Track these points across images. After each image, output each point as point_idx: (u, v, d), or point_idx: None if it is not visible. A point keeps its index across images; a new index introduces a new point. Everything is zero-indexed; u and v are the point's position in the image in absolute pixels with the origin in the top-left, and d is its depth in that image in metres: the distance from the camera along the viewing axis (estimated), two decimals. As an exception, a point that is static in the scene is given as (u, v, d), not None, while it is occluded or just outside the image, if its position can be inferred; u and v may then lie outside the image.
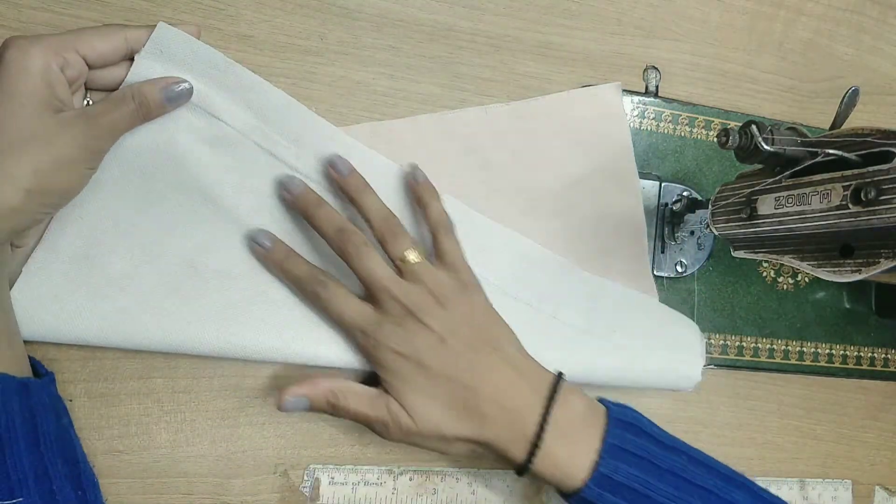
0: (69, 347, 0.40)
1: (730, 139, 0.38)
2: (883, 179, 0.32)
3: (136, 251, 0.40)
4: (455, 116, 0.46)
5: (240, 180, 0.41)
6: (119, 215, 0.39)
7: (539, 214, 0.48)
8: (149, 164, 0.39)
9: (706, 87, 0.53)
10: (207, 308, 0.40)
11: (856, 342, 0.54)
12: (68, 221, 0.39)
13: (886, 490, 0.55)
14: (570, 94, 0.48)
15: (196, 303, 0.40)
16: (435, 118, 0.46)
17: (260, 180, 0.41)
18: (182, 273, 0.40)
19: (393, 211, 0.41)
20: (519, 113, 0.47)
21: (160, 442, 0.41)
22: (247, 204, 0.41)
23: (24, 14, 0.40)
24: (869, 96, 0.57)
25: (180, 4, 0.42)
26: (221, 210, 0.41)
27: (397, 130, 0.45)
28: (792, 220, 0.38)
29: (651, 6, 0.52)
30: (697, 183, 0.51)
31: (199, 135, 0.40)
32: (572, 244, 0.48)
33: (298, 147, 0.42)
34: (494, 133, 0.47)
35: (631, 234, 0.49)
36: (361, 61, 0.46)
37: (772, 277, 0.53)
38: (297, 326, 0.41)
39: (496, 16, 0.48)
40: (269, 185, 0.42)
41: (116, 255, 0.39)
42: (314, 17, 0.45)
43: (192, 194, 0.40)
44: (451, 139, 0.46)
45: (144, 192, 0.40)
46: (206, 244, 0.41)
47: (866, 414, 0.55)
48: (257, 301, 0.41)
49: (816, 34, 0.56)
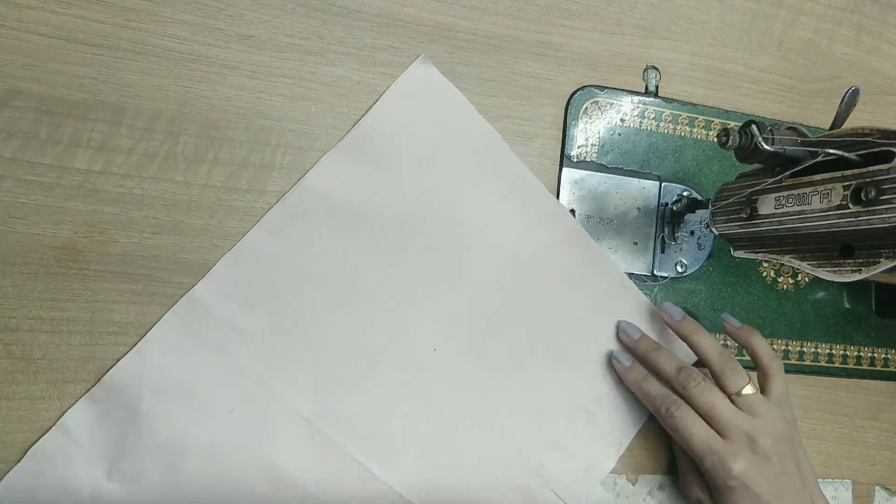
0: (69, 347, 0.40)
1: (730, 139, 0.38)
2: (883, 179, 0.32)
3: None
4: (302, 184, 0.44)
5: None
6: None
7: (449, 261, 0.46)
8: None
9: (706, 86, 0.53)
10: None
11: (856, 342, 0.54)
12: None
13: (886, 490, 0.55)
14: (386, 97, 0.46)
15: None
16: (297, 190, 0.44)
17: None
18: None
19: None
20: (356, 145, 0.45)
21: (160, 442, 0.41)
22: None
23: (24, 14, 0.40)
24: (869, 96, 0.57)
25: (180, 4, 0.42)
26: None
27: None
28: (792, 219, 0.38)
29: (651, 6, 0.52)
30: (697, 183, 0.51)
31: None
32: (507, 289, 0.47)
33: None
34: (348, 177, 0.45)
35: (564, 235, 0.48)
36: (361, 61, 0.46)
37: (772, 277, 0.53)
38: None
39: (496, 16, 0.48)
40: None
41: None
42: (314, 17, 0.45)
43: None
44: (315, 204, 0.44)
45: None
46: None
47: (866, 414, 0.55)
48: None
49: (816, 34, 0.56)
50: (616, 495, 0.48)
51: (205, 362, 0.41)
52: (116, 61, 0.41)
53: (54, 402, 0.40)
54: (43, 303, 0.40)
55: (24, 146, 0.40)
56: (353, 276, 0.44)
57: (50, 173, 0.40)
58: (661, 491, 0.49)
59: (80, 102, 0.41)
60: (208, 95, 0.43)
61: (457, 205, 0.46)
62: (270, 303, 0.42)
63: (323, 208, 0.44)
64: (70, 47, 0.41)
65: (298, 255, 0.43)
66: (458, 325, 0.46)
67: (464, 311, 0.46)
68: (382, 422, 0.44)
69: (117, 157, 0.41)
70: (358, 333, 0.44)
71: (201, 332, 0.41)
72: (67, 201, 0.40)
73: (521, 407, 0.46)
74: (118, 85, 0.41)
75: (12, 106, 0.40)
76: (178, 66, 0.42)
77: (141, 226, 0.41)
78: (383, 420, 0.44)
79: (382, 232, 0.45)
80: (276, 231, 0.43)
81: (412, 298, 0.45)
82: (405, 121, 0.45)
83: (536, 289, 0.47)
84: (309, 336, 0.43)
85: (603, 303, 0.48)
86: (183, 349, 0.41)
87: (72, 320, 0.40)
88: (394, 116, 0.45)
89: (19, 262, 0.40)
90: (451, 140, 0.46)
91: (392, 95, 0.45)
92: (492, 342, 0.46)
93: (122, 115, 0.41)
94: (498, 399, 0.46)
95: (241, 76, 0.43)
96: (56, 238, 0.40)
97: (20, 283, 0.40)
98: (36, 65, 0.40)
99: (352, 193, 0.44)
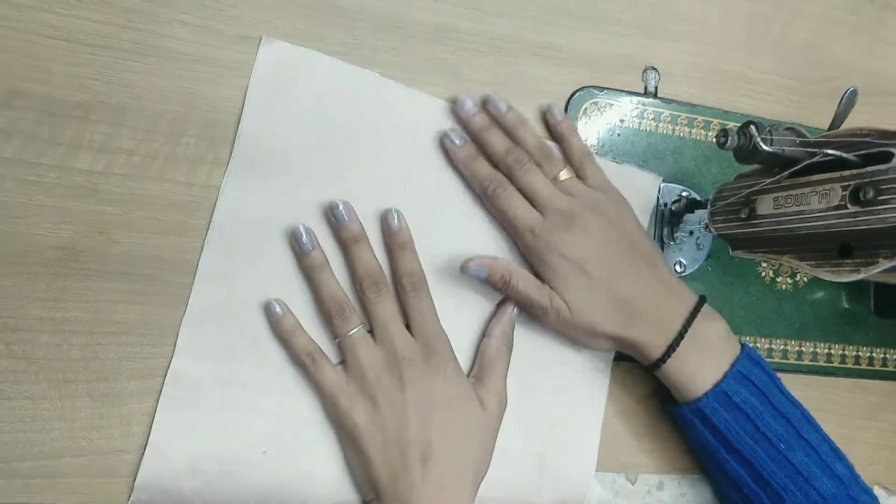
0: (70, 347, 0.40)
1: (729, 139, 0.38)
2: (881, 180, 0.33)
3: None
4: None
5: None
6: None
7: None
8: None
9: (705, 87, 0.53)
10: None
11: (854, 342, 0.54)
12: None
13: (885, 489, 0.55)
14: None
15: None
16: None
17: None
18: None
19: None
20: (247, 158, 0.43)
21: (161, 441, 0.41)
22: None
23: (24, 14, 0.40)
24: (867, 97, 0.57)
25: (181, 5, 0.43)
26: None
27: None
28: (791, 220, 0.38)
29: (650, 7, 0.52)
30: (696, 183, 0.52)
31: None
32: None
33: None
34: (256, 191, 0.44)
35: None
36: (361, 61, 0.46)
37: (770, 277, 0.53)
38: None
39: (497, 16, 0.49)
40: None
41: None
42: (314, 18, 0.45)
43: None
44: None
45: None
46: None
47: (865, 413, 0.55)
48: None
49: (815, 35, 0.56)
50: (615, 494, 0.48)
51: (217, 425, 0.41)
52: (118, 62, 0.41)
53: (55, 401, 0.40)
54: (44, 303, 0.40)
55: (25, 146, 0.40)
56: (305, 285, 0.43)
57: (51, 174, 0.40)
58: (660, 490, 0.49)
59: (82, 103, 0.41)
60: (209, 96, 0.43)
61: (372, 164, 0.45)
62: (248, 344, 0.42)
63: (248, 233, 0.42)
64: (71, 48, 0.41)
65: (250, 287, 0.42)
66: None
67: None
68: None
69: (119, 157, 0.41)
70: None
71: (201, 400, 0.41)
72: (69, 202, 0.40)
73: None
74: (120, 86, 0.41)
75: (14, 106, 0.40)
76: (179, 66, 0.42)
77: (142, 226, 0.41)
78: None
79: (314, 226, 0.43)
80: (218, 276, 0.42)
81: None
82: (282, 109, 0.43)
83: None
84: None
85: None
86: (191, 426, 0.41)
87: (73, 320, 0.40)
88: (267, 110, 0.43)
89: (20, 262, 0.40)
90: (340, 103, 0.45)
91: (254, 92, 0.43)
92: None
93: (124, 115, 0.41)
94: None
95: (242, 77, 0.43)
96: (57, 238, 0.40)
97: (21, 284, 0.40)
98: (37, 65, 0.40)
99: (268, 203, 0.43)
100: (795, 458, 0.41)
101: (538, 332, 0.47)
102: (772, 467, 0.42)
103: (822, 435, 0.43)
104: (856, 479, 0.43)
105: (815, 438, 0.42)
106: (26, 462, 0.39)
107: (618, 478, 0.48)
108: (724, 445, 0.43)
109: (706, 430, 0.43)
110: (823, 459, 0.42)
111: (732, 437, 0.42)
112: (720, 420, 0.42)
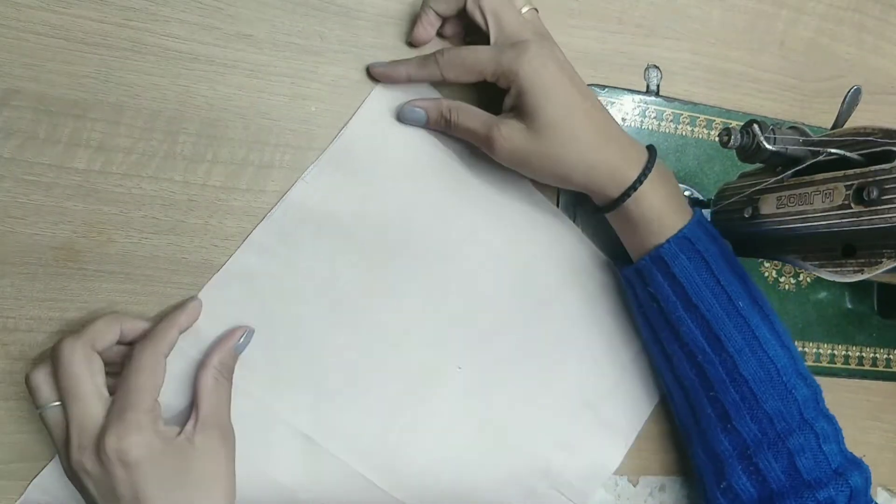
0: (68, 348, 0.40)
1: (731, 138, 0.38)
2: (885, 179, 0.32)
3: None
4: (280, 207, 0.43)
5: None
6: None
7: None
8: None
9: (707, 86, 0.53)
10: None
11: (858, 342, 0.54)
12: None
13: (888, 491, 0.55)
14: (365, 105, 0.45)
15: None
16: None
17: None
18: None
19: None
20: (339, 157, 0.44)
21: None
22: None
23: (23, 13, 0.40)
24: (871, 95, 0.57)
25: (179, 4, 0.42)
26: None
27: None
28: (794, 219, 0.37)
29: (652, 5, 0.52)
30: (699, 182, 0.51)
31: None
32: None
33: None
34: (333, 190, 0.44)
35: (555, 231, 0.48)
36: (361, 61, 0.45)
37: (773, 277, 0.53)
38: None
39: (497, 15, 0.48)
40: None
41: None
42: (314, 17, 0.45)
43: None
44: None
45: None
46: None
47: (868, 414, 0.55)
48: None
49: (818, 33, 0.56)
50: (617, 497, 0.48)
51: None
52: (115, 61, 0.41)
53: (53, 402, 0.40)
54: (41, 303, 0.40)
55: (22, 146, 0.40)
56: (343, 289, 0.44)
57: (49, 173, 0.40)
58: (662, 492, 0.49)
59: (80, 102, 0.41)
60: (207, 95, 0.43)
61: (444, 210, 0.46)
62: (262, 322, 0.42)
63: (309, 223, 0.43)
64: (69, 47, 0.41)
65: (287, 272, 0.43)
66: (453, 332, 0.45)
67: (458, 317, 0.46)
68: (383, 433, 0.44)
69: (116, 156, 0.41)
70: (352, 347, 0.44)
71: (197, 360, 0.41)
72: (66, 201, 0.40)
73: (523, 408, 0.46)
74: (117, 84, 0.41)
75: (11, 105, 0.40)
76: (177, 65, 0.42)
77: (140, 225, 0.41)
78: (384, 431, 0.44)
79: (371, 244, 0.44)
80: (263, 250, 0.42)
81: (405, 308, 0.45)
82: (386, 128, 0.45)
83: (531, 289, 0.47)
84: (303, 352, 0.43)
85: (599, 300, 0.48)
86: (183, 376, 0.40)
87: (70, 320, 0.40)
88: (375, 124, 0.45)
89: (18, 262, 0.40)
90: (434, 144, 0.46)
91: (371, 103, 0.45)
92: (489, 346, 0.46)
93: (122, 114, 0.41)
94: (498, 402, 0.46)
95: (240, 75, 0.43)
96: (55, 238, 0.40)
97: (18, 284, 0.40)
98: (35, 64, 0.40)
99: (337, 206, 0.44)
100: (753, 320, 0.40)
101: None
102: (729, 327, 0.40)
103: (770, 318, 0.42)
104: (798, 365, 0.43)
105: (768, 304, 0.42)
106: (25, 463, 0.39)
107: (620, 480, 0.48)
108: (682, 300, 0.41)
109: (665, 281, 0.41)
110: (776, 329, 0.41)
111: (692, 287, 0.40)
112: (681, 269, 0.40)
